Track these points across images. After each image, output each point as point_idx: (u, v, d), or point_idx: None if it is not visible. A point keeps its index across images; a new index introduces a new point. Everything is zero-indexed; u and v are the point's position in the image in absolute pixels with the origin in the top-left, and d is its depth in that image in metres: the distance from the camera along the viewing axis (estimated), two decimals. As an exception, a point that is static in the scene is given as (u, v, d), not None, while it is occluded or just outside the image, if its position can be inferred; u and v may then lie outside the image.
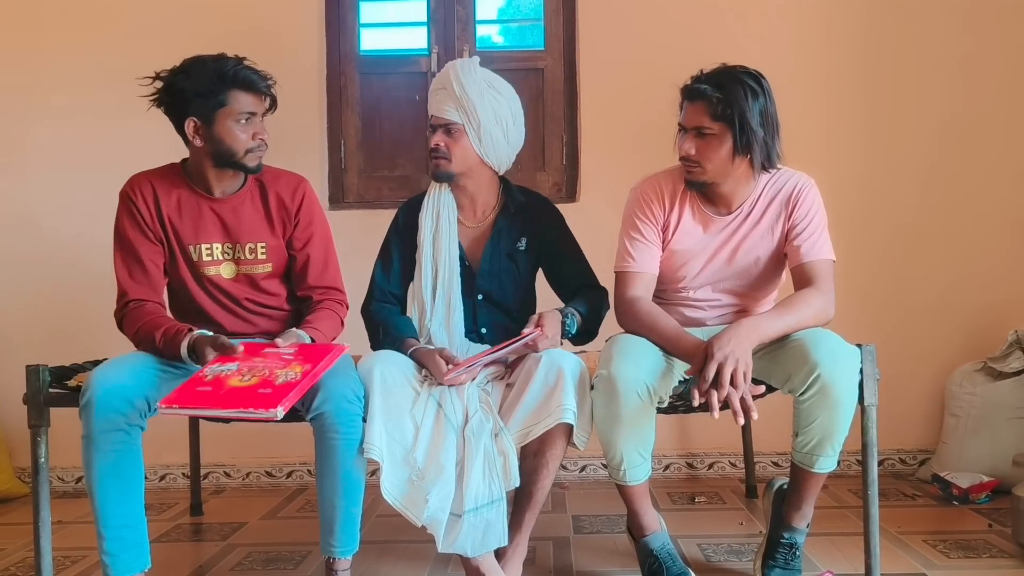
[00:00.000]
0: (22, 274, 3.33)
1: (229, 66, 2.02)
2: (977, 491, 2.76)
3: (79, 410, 1.85)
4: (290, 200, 2.19)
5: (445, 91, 2.21)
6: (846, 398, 1.86)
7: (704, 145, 2.03)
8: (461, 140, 2.22)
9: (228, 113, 2.02)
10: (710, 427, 3.17)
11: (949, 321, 3.20)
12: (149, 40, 3.28)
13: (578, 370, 2.01)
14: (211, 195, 2.14)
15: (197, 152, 2.09)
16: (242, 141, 2.05)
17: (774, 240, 2.13)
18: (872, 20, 3.21)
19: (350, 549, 1.95)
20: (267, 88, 2.08)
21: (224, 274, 2.16)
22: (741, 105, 1.97)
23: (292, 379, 1.78)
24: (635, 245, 2.15)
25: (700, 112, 2.02)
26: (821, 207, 2.10)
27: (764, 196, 2.12)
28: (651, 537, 2.09)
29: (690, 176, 2.09)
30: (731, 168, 2.04)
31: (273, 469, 3.33)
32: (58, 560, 2.35)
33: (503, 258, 2.30)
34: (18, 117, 3.34)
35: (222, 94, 2.01)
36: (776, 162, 2.08)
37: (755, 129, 1.98)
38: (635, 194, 2.21)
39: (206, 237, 2.13)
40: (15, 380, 2.03)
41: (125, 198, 2.12)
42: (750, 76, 2.02)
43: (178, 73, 2.04)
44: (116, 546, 1.86)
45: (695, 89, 2.03)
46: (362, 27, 3.37)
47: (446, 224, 2.27)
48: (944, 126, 3.20)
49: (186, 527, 2.80)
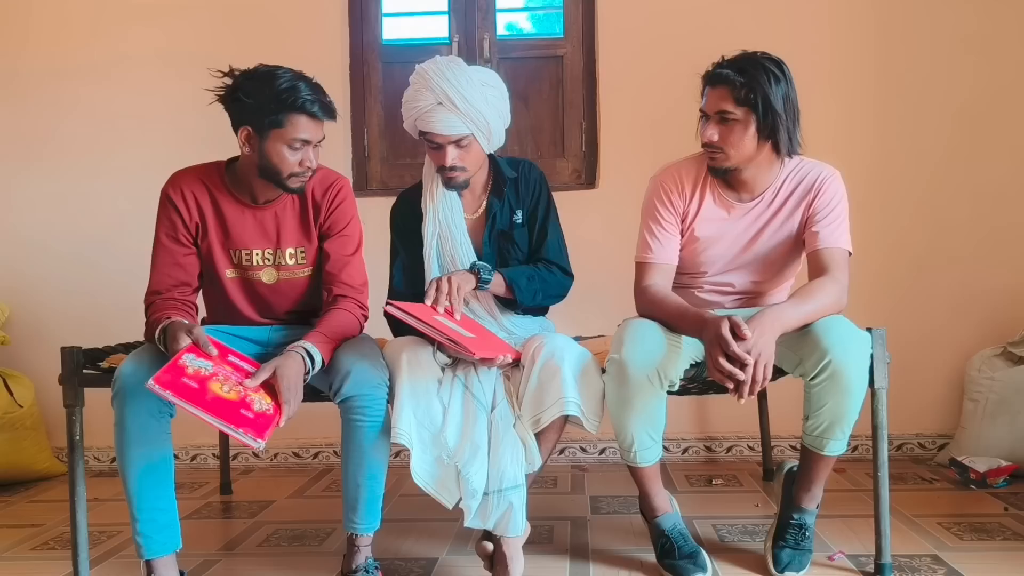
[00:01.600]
0: (57, 261, 3.44)
1: (296, 91, 1.95)
2: (995, 475, 2.77)
3: (111, 398, 1.90)
4: (321, 197, 2.14)
5: (443, 107, 2.11)
6: (856, 384, 1.88)
7: (727, 130, 2.03)
8: (473, 148, 2.19)
9: (281, 135, 1.97)
10: (729, 411, 3.23)
11: (968, 306, 3.20)
12: (174, 30, 3.37)
13: (579, 360, 2.04)
14: (254, 202, 2.11)
15: (245, 157, 2.05)
16: (288, 164, 2.00)
17: (793, 226, 2.14)
18: (893, 6, 3.20)
19: (372, 526, 2.02)
20: (329, 117, 2.02)
21: (265, 279, 2.14)
22: (764, 89, 1.98)
23: (266, 410, 1.81)
24: (654, 236, 2.17)
25: (723, 97, 2.02)
26: (844, 198, 2.11)
27: (787, 184, 2.13)
28: (663, 518, 2.13)
29: (713, 163, 2.10)
30: (755, 153, 2.05)
31: (300, 450, 3.41)
32: (93, 535, 2.44)
33: (503, 240, 2.31)
34: (49, 108, 3.44)
35: (281, 115, 1.95)
36: (798, 148, 2.08)
37: (779, 113, 1.99)
38: (654, 184, 2.22)
39: (247, 243, 2.11)
40: (54, 363, 2.10)
41: (165, 198, 2.09)
42: (772, 61, 2.03)
43: (248, 79, 1.99)
44: (149, 528, 1.92)
45: (717, 74, 2.03)
46: (384, 16, 3.41)
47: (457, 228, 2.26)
48: (962, 109, 3.19)
49: (216, 505, 2.89)
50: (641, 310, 2.15)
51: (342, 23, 3.36)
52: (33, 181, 3.45)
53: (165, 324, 1.89)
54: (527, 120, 3.39)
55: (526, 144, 3.39)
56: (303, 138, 1.99)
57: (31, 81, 3.44)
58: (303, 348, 1.92)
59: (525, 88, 3.38)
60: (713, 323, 1.86)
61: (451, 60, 2.19)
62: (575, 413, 1.98)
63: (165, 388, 1.70)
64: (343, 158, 3.34)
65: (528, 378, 2.03)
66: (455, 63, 2.18)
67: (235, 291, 2.16)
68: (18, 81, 3.45)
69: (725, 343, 1.80)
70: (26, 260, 3.45)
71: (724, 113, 2.02)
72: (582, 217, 3.05)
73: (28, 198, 3.45)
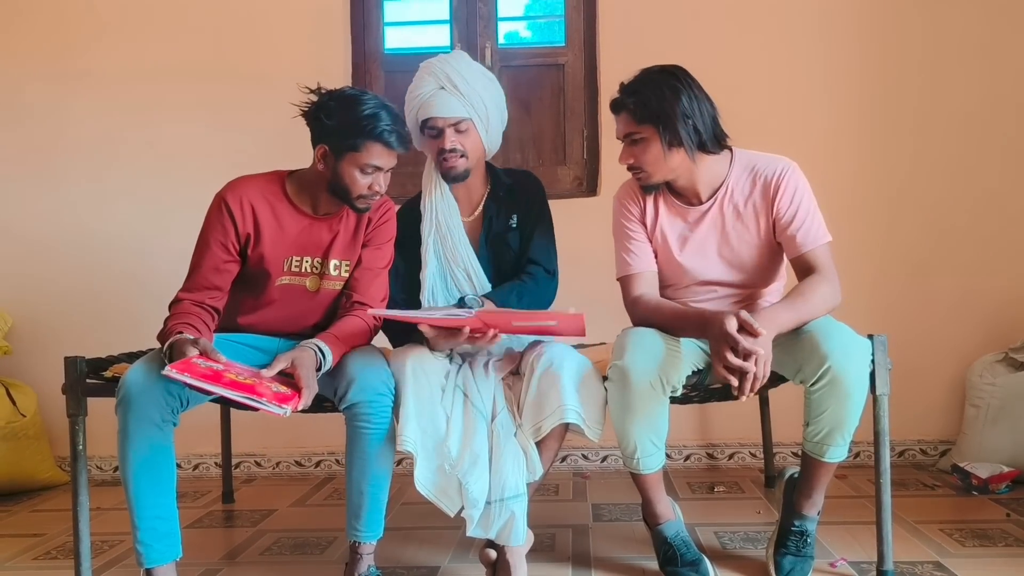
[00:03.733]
0: (60, 271, 3.45)
1: (377, 120, 2.01)
2: (997, 481, 2.77)
3: (115, 406, 1.91)
4: (374, 214, 2.21)
5: (444, 90, 2.21)
6: (856, 390, 1.88)
7: (640, 150, 2.09)
8: (471, 134, 2.25)
9: (356, 160, 2.03)
10: (731, 418, 3.23)
11: (970, 311, 3.20)
12: (179, 37, 3.40)
13: (579, 368, 2.05)
14: (314, 212, 2.16)
15: (317, 173, 2.11)
16: (359, 187, 2.06)
17: (761, 230, 2.14)
18: (896, 9, 3.21)
19: (375, 534, 2.02)
20: (404, 150, 2.08)
21: (308, 286, 2.18)
22: (658, 103, 2.03)
23: (284, 392, 1.84)
24: (628, 248, 2.21)
25: (626, 121, 2.09)
26: (807, 189, 2.11)
27: (740, 182, 2.14)
28: (665, 525, 2.13)
29: (639, 182, 2.16)
30: (668, 163, 2.08)
31: (302, 458, 3.42)
32: (96, 545, 2.45)
33: (498, 243, 2.34)
34: (54, 118, 3.45)
35: (358, 140, 2.01)
36: (718, 143, 2.10)
37: (679, 121, 2.02)
38: (615, 202, 2.28)
39: (298, 251, 2.16)
40: (56, 373, 2.11)
41: (222, 203, 2.10)
42: (664, 73, 2.07)
43: (332, 99, 2.04)
44: (149, 536, 1.92)
45: (615, 102, 2.12)
46: (386, 25, 3.43)
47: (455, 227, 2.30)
48: (967, 114, 3.19)
49: (218, 514, 2.89)
50: (637, 321, 2.16)
51: (344, 32, 3.37)
52: (37, 190, 3.46)
53: (173, 340, 1.91)
54: (528, 128, 3.40)
55: (528, 152, 3.41)
56: (376, 164, 2.05)
57: (36, 89, 3.45)
58: (315, 344, 1.98)
59: (527, 96, 3.40)
60: (717, 320, 1.87)
61: (459, 53, 2.31)
62: (575, 421, 1.99)
63: (182, 371, 1.73)
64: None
65: (528, 387, 2.04)
66: (460, 53, 2.30)
67: (280, 297, 2.18)
68: (23, 90, 3.46)
69: (733, 340, 1.81)
70: (29, 270, 3.46)
71: (631, 135, 2.09)
72: (583, 224, 3.05)
73: (32, 207, 3.46)
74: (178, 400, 1.93)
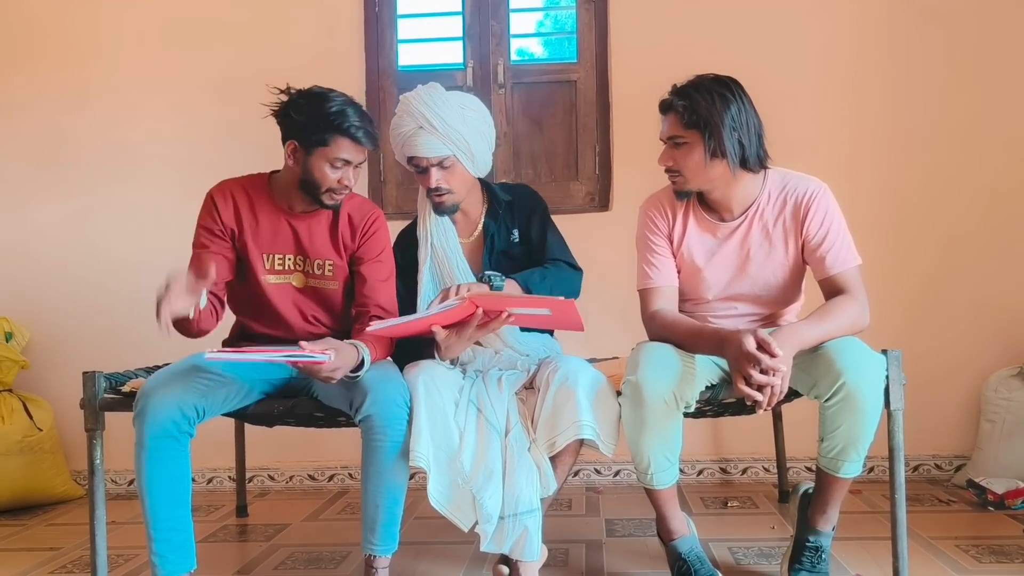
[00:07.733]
0: (77, 286, 3.48)
1: (345, 116, 2.08)
2: (1013, 497, 2.75)
3: (133, 418, 1.93)
4: (357, 222, 2.26)
5: (424, 130, 2.20)
6: (871, 406, 1.88)
7: (681, 154, 2.10)
8: (456, 170, 2.25)
9: (325, 154, 2.10)
10: (744, 433, 3.23)
11: (985, 326, 3.19)
12: (193, 54, 3.43)
13: (593, 383, 2.06)
14: (291, 211, 2.23)
15: (288, 170, 2.18)
16: (328, 180, 2.12)
17: (789, 251, 2.15)
18: (904, 23, 3.22)
19: (390, 548, 2.03)
20: (371, 145, 2.14)
21: (294, 283, 2.25)
22: (708, 110, 2.03)
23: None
24: (650, 262, 2.21)
25: (672, 123, 2.10)
26: (837, 212, 2.11)
27: (772, 201, 2.14)
28: (680, 541, 2.13)
29: (675, 186, 2.17)
30: (708, 172, 2.09)
31: (315, 472, 3.42)
32: (112, 558, 2.46)
33: (500, 259, 2.35)
34: (68, 132, 3.49)
35: (326, 135, 2.08)
36: (760, 162, 2.11)
37: (726, 132, 2.03)
38: (641, 213, 2.29)
39: (280, 248, 2.24)
40: (73, 387, 2.13)
41: (208, 198, 2.24)
42: (718, 82, 2.08)
43: (300, 97, 2.12)
44: (164, 547, 1.94)
45: (665, 102, 2.13)
46: (400, 43, 3.46)
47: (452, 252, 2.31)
48: (982, 128, 3.19)
49: (232, 528, 2.90)
50: (653, 336, 2.16)
51: (358, 49, 3.40)
52: (52, 206, 3.50)
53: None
54: (541, 144, 3.42)
55: (540, 167, 3.42)
56: (344, 158, 2.11)
57: (49, 105, 3.49)
58: (356, 344, 2.01)
59: (539, 112, 3.42)
60: (734, 339, 1.87)
61: (430, 86, 2.27)
62: (590, 436, 1.99)
63: (222, 351, 1.86)
64: (360, 183, 3.35)
65: (543, 402, 2.04)
66: (433, 88, 2.26)
67: (275, 298, 2.24)
68: (36, 105, 3.50)
69: (755, 358, 1.82)
70: (46, 285, 3.49)
71: (675, 138, 2.10)
72: (596, 239, 3.07)
73: (48, 223, 3.50)
74: (195, 411, 1.96)
